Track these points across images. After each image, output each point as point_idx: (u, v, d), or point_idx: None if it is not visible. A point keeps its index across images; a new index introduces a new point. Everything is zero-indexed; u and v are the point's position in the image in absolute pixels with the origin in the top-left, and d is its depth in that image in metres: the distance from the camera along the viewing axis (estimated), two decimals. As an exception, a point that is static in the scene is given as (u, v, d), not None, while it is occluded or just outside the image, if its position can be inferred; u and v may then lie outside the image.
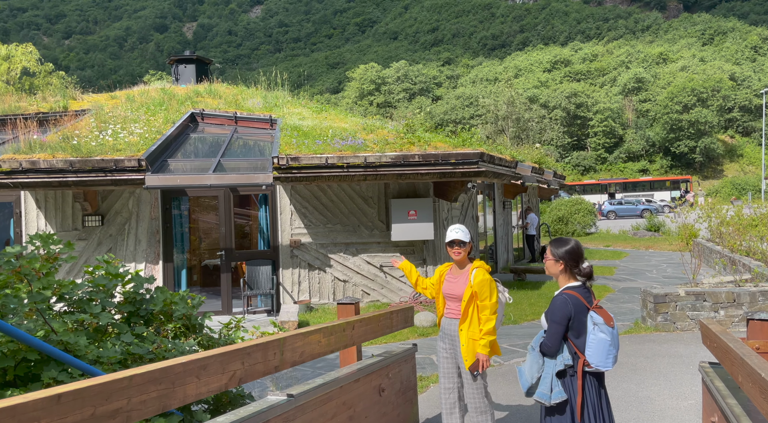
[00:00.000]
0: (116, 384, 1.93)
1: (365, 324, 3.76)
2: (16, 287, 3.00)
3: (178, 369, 2.21)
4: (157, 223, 9.76)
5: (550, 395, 2.90)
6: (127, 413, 1.97)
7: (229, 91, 14.24)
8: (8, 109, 11.49)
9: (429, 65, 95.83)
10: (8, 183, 8.14)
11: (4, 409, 1.57)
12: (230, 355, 2.50)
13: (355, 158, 8.96)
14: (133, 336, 3.16)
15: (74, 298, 3.19)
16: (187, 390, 2.26)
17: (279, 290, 9.85)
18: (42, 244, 3.05)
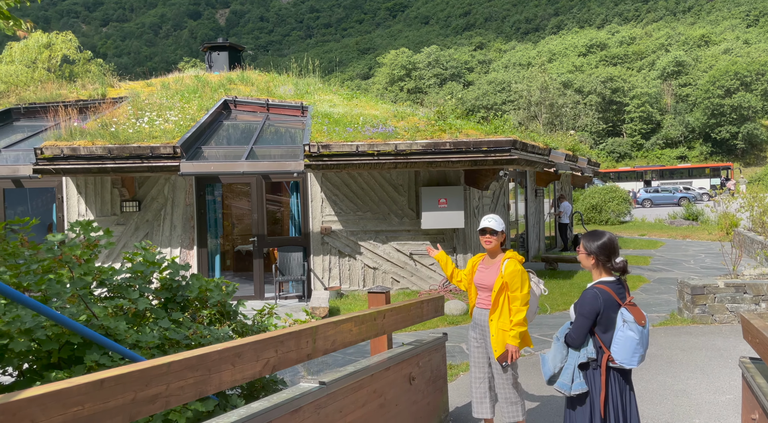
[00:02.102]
0: (155, 370, 1.98)
1: (396, 313, 3.77)
2: (59, 273, 3.11)
3: (214, 356, 2.26)
4: (192, 209, 9.96)
5: (571, 386, 2.90)
6: (165, 398, 2.03)
7: (261, 79, 14.34)
8: (50, 96, 11.82)
9: (460, 50, 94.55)
10: (51, 169, 8.41)
11: (51, 393, 1.64)
12: (264, 343, 2.55)
13: (385, 146, 8.93)
14: (170, 322, 3.24)
15: (114, 284, 3.30)
16: (223, 377, 2.31)
17: (310, 276, 9.96)
18: (83, 232, 3.14)
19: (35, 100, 11.51)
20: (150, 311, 3.20)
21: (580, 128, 48.58)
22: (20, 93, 12.04)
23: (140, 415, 1.94)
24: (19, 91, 12.38)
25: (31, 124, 10.90)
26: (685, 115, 62.23)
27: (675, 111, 64.24)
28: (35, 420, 1.59)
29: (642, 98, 62.11)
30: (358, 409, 3.23)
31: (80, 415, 1.71)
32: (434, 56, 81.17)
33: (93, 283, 3.16)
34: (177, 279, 3.51)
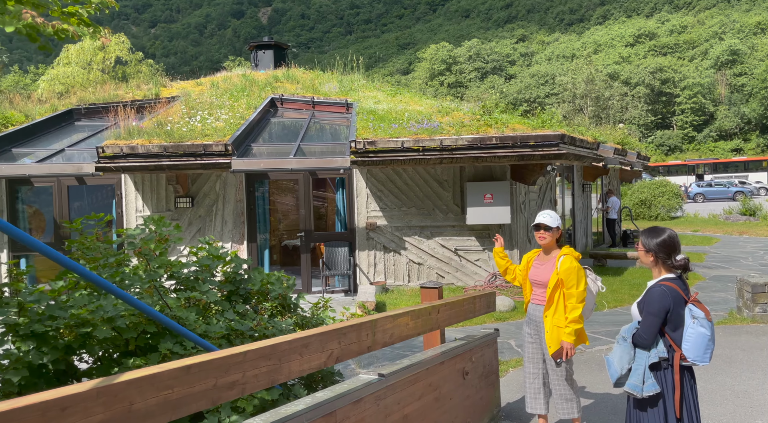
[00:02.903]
0: (233, 358, 2.10)
1: (449, 308, 3.82)
2: (136, 266, 3.30)
3: (284, 346, 2.36)
4: (242, 205, 10.24)
5: (642, 387, 2.83)
6: (242, 385, 2.14)
7: (306, 76, 14.57)
8: (107, 97, 12.35)
9: (502, 43, 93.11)
10: (111, 167, 8.81)
11: (145, 377, 1.77)
12: (328, 335, 2.64)
13: (430, 141, 8.96)
14: (234, 313, 3.39)
15: (182, 276, 3.47)
16: (292, 366, 2.42)
17: (356, 271, 10.09)
18: (156, 227, 3.32)
19: (94, 101, 12.05)
20: (215, 303, 3.35)
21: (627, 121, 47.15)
22: (80, 94, 12.62)
23: (220, 400, 2.06)
24: (79, 92, 12.97)
25: (91, 123, 11.43)
26: (740, 106, 59.48)
27: (729, 102, 61.48)
28: (132, 401, 1.72)
29: (694, 89, 59.73)
30: (415, 402, 3.30)
31: (170, 398, 1.84)
32: (475, 50, 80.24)
33: (164, 276, 3.33)
34: (240, 272, 3.66)
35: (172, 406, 1.85)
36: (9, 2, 2.51)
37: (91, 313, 2.82)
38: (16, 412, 1.40)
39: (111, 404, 1.65)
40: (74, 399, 1.55)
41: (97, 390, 1.61)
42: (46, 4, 2.60)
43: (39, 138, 10.44)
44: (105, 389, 1.64)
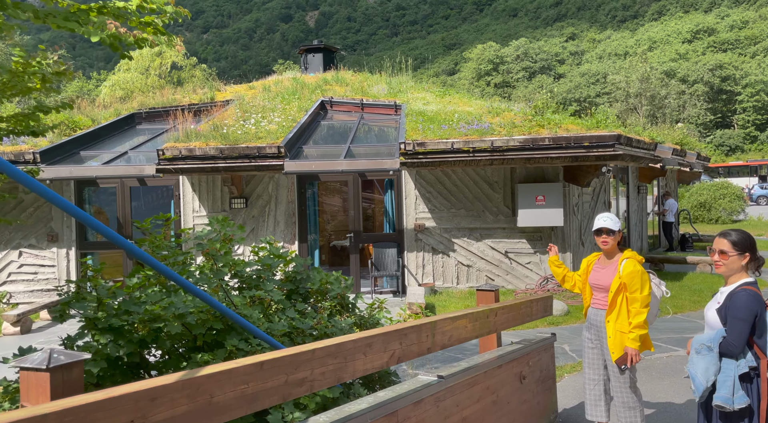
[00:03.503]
0: (302, 356, 2.16)
1: (507, 311, 3.79)
2: (202, 264, 3.43)
3: (349, 345, 2.41)
4: (293, 205, 10.44)
5: (733, 399, 2.65)
6: (311, 382, 2.20)
7: (354, 79, 14.72)
8: (166, 101, 12.84)
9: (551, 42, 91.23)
10: (170, 168, 9.15)
11: (224, 371, 1.84)
12: (390, 336, 2.67)
13: (481, 142, 8.88)
14: (295, 312, 3.47)
15: (244, 275, 3.57)
16: (357, 365, 2.46)
17: (404, 272, 10.12)
18: (221, 228, 3.44)
19: (154, 105, 12.55)
20: (277, 302, 3.44)
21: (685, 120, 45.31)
22: (141, 98, 13.17)
23: (291, 397, 2.12)
24: (140, 97, 13.54)
25: (151, 127, 11.91)
26: (807, 104, 56.18)
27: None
28: (213, 394, 1.79)
29: (756, 86, 56.78)
30: (474, 405, 3.29)
31: (246, 392, 1.91)
32: (523, 49, 78.95)
33: (228, 274, 3.45)
34: (299, 272, 3.74)
35: (248, 400, 1.92)
36: (92, 13, 2.67)
37: (164, 309, 2.95)
38: (113, 400, 1.49)
39: (194, 396, 1.73)
40: (163, 390, 1.63)
41: (182, 382, 1.69)
42: (126, 15, 2.75)
43: (104, 141, 10.96)
44: (189, 382, 1.72)
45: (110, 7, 2.68)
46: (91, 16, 2.64)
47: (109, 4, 2.70)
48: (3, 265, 10.09)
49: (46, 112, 3.46)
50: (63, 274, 10.12)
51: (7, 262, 10.09)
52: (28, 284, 10.12)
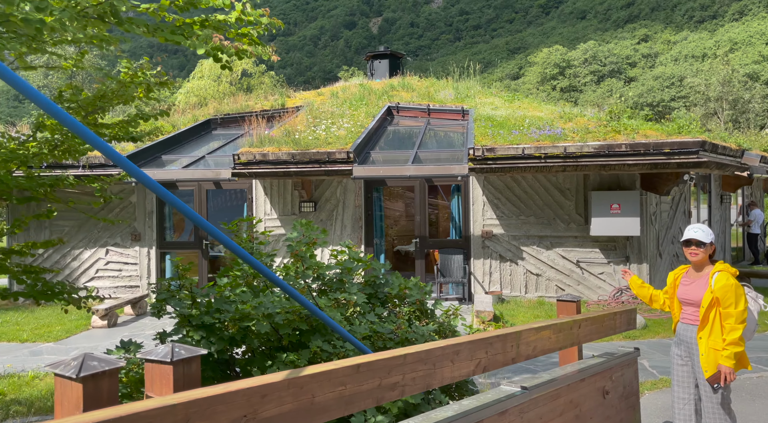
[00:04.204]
0: (395, 360, 2.18)
1: (590, 323, 3.67)
2: (288, 266, 3.53)
3: (438, 352, 2.41)
4: (360, 210, 10.57)
5: None
6: (402, 387, 2.22)
7: (421, 84, 14.75)
8: (239, 107, 13.35)
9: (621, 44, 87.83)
10: (245, 172, 9.50)
11: (324, 372, 1.89)
12: (477, 344, 2.65)
13: (553, 148, 8.68)
14: (375, 316, 3.51)
15: (325, 278, 3.65)
16: (444, 372, 2.46)
17: (470, 279, 10.01)
18: (306, 231, 3.53)
19: (229, 111, 13.08)
20: (358, 305, 3.49)
21: (770, 125, 42.37)
22: (216, 105, 13.75)
23: (383, 401, 2.15)
24: (216, 104, 14.15)
25: (225, 132, 12.41)
26: None
27: None
28: (315, 394, 1.84)
29: None
30: (557, 418, 3.20)
31: (344, 393, 1.95)
32: (591, 52, 76.46)
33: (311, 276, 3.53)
34: (379, 276, 3.79)
35: (345, 401, 1.96)
36: (195, 26, 2.83)
37: (254, 309, 3.06)
38: (230, 395, 1.56)
39: (298, 395, 1.78)
40: (271, 388, 1.69)
41: (287, 381, 1.75)
42: (225, 27, 2.89)
43: (183, 146, 11.53)
44: (294, 381, 1.77)
45: (212, 21, 2.84)
46: (194, 29, 2.80)
47: (210, 17, 2.85)
48: (92, 262, 10.80)
49: (146, 120, 3.70)
50: (144, 271, 10.71)
51: (95, 259, 10.79)
52: (113, 280, 10.77)
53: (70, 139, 3.33)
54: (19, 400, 5.13)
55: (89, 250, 10.81)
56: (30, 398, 5.18)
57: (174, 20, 2.85)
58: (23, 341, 7.67)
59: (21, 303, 10.44)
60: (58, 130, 3.30)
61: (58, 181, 3.36)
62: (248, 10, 2.83)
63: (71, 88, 3.75)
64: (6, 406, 5.01)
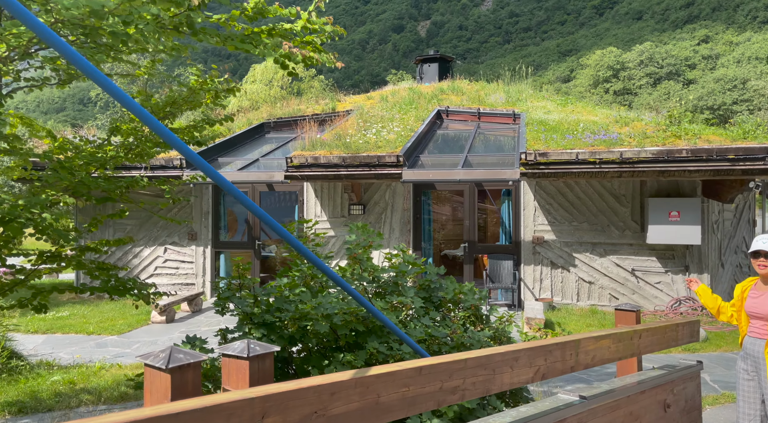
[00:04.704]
0: (456, 364, 2.20)
1: (651, 334, 3.57)
2: (343, 267, 3.61)
3: (498, 358, 2.42)
4: (408, 213, 10.61)
5: None
6: (462, 391, 2.23)
7: (471, 88, 14.67)
8: (291, 111, 13.65)
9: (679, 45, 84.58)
10: (297, 175, 9.70)
11: (388, 373, 1.93)
12: (536, 351, 2.64)
13: (609, 153, 8.47)
14: (429, 320, 3.53)
15: (380, 280, 3.71)
16: (504, 378, 2.46)
17: (520, 286, 9.87)
18: (362, 234, 3.60)
19: (281, 115, 13.39)
20: (415, 308, 3.52)
21: (843, 130, 39.77)
22: (270, 109, 14.11)
23: (444, 403, 2.18)
24: (269, 108, 14.51)
25: (278, 135, 12.71)
26: None
27: None
28: (380, 394, 1.89)
29: None
30: (615, 430, 3.14)
31: (407, 395, 1.99)
32: (647, 54, 73.97)
33: (368, 279, 3.59)
34: (433, 281, 3.81)
35: (408, 402, 2.00)
36: (263, 35, 2.94)
37: (313, 309, 3.14)
38: (303, 391, 1.63)
39: (364, 394, 1.83)
40: (340, 386, 1.75)
41: (355, 380, 1.80)
42: (290, 36, 2.99)
43: (237, 148, 11.88)
44: (360, 380, 1.82)
45: (279, 29, 2.95)
46: (262, 38, 2.92)
47: (277, 26, 2.97)
48: (151, 259, 11.28)
49: (211, 125, 3.86)
50: (200, 269, 11.09)
51: (154, 257, 11.26)
52: (171, 278, 11.20)
53: (143, 143, 3.53)
54: (88, 389, 5.42)
55: (149, 248, 11.29)
56: (98, 388, 5.47)
57: (243, 29, 2.98)
58: (89, 334, 8.09)
59: (86, 297, 11.01)
60: (132, 134, 3.51)
61: (134, 183, 3.57)
62: (313, 18, 2.92)
63: (143, 94, 3.95)
64: (76, 394, 5.30)
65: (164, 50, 2.85)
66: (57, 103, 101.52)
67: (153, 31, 2.46)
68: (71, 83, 3.72)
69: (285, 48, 2.90)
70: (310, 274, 3.62)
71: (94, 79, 1.49)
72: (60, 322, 8.65)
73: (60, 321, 8.75)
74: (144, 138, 3.50)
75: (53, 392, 5.31)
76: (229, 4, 2.76)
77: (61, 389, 5.42)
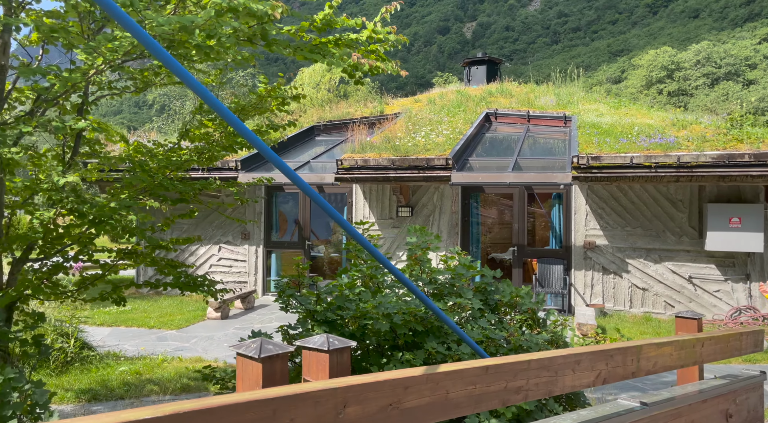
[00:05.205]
0: (520, 365, 2.26)
1: (714, 343, 3.51)
2: (402, 269, 3.71)
3: (560, 360, 2.46)
4: (456, 216, 10.63)
5: None
6: (525, 392, 2.29)
7: (520, 90, 14.54)
8: (340, 114, 13.89)
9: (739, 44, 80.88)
10: (347, 177, 9.89)
11: (456, 371, 2.01)
12: (598, 355, 2.66)
13: (665, 158, 8.26)
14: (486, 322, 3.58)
15: (438, 282, 3.78)
16: (566, 381, 2.49)
17: (571, 291, 9.73)
18: (421, 236, 3.68)
19: (330, 118, 13.64)
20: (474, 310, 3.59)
21: None
22: (319, 112, 14.40)
23: (508, 403, 2.24)
24: (318, 111, 14.81)
25: (328, 138, 12.96)
26: None
27: None
28: (449, 390, 1.97)
29: None
30: (676, 438, 3.11)
31: (473, 393, 2.07)
32: (704, 53, 71.04)
33: (426, 280, 3.68)
34: (489, 283, 3.86)
35: (475, 400, 2.07)
36: (330, 45, 3.08)
37: (374, 308, 3.25)
38: (380, 384, 1.73)
39: (434, 390, 1.92)
40: (413, 381, 1.84)
41: (426, 376, 1.89)
42: (356, 45, 3.12)
43: (289, 151, 12.19)
44: (431, 376, 1.91)
45: (345, 39, 3.08)
46: (329, 48, 3.05)
47: (344, 36, 3.10)
48: (206, 257, 11.71)
49: (276, 130, 4.04)
50: (252, 268, 11.44)
51: (209, 255, 11.69)
52: (224, 276, 11.60)
53: (213, 147, 3.75)
54: (153, 380, 5.72)
55: (204, 246, 11.72)
56: (162, 379, 5.76)
57: (310, 39, 3.12)
58: (150, 327, 8.49)
59: (145, 293, 11.53)
60: (204, 138, 3.73)
61: (208, 185, 3.79)
62: (378, 28, 3.04)
63: (209, 100, 4.17)
64: (143, 384, 5.60)
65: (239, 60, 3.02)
66: (114, 107, 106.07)
67: (233, 43, 2.63)
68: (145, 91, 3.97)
69: (354, 58, 3.03)
70: (369, 274, 3.74)
71: (189, 85, 1.64)
72: (123, 316, 9.11)
73: (123, 315, 9.22)
74: (215, 143, 3.71)
75: (122, 381, 5.63)
76: (301, 17, 2.91)
77: (129, 379, 5.74)
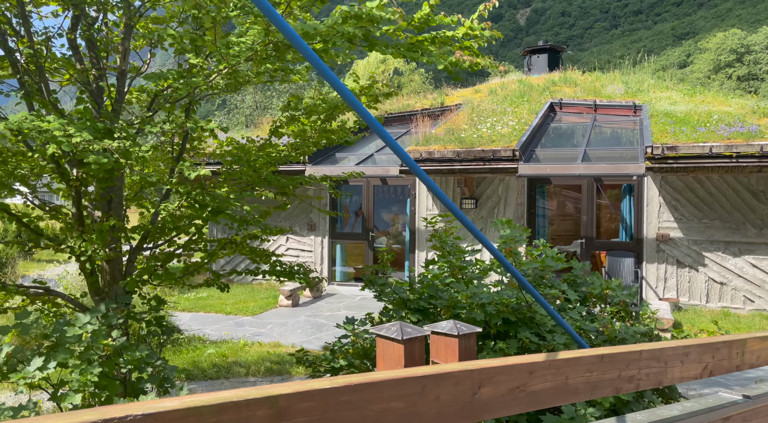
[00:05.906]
0: (632, 355, 2.31)
1: (819, 339, 3.41)
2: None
3: (669, 352, 2.48)
4: (522, 208, 10.54)
5: None
6: (637, 381, 2.33)
7: (584, 79, 14.18)
8: (402, 107, 13.97)
9: (819, 22, 75.32)
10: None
11: (573, 358, 2.09)
12: (705, 348, 2.66)
13: (748, 147, 7.91)
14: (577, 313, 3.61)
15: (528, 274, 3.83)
16: (674, 372, 2.52)
17: (642, 285, 9.50)
18: (513, 229, 3.74)
19: (392, 111, 13.75)
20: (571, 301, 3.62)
21: None
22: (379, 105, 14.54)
23: (620, 391, 2.29)
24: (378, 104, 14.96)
25: (390, 131, 13.09)
26: None
27: None
28: (568, 377, 2.05)
29: None
30: (781, 433, 3.06)
31: (590, 379, 2.14)
32: (779, 34, 66.62)
33: (515, 272, 3.74)
34: (578, 276, 3.88)
35: (591, 387, 2.14)
36: (426, 43, 3.18)
37: (468, 298, 3.35)
38: (507, 368, 1.83)
39: (555, 376, 2.00)
40: (537, 366, 1.93)
41: (548, 362, 1.97)
42: (451, 42, 3.21)
43: (353, 144, 12.40)
44: (552, 363, 1.99)
45: (441, 37, 3.17)
46: (425, 45, 3.15)
47: (440, 33, 3.19)
48: (275, 247, 12.13)
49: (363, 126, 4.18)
50: (318, 258, 11.76)
51: (278, 245, 12.10)
52: (291, 265, 11.98)
53: (306, 143, 3.93)
54: (238, 363, 6.05)
55: (273, 237, 12.13)
56: (247, 362, 6.08)
57: (407, 37, 3.23)
58: (227, 313, 8.91)
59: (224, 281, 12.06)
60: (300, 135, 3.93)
61: (306, 179, 3.98)
62: (474, 25, 3.10)
63: (295, 99, 4.36)
64: (229, 366, 5.93)
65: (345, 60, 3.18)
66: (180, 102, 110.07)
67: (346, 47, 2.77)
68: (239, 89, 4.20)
69: (456, 55, 3.12)
70: (458, 266, 3.84)
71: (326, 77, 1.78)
72: (201, 302, 9.60)
73: (201, 301, 9.71)
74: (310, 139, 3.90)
75: (211, 363, 5.98)
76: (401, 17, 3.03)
77: (216, 361, 6.09)
